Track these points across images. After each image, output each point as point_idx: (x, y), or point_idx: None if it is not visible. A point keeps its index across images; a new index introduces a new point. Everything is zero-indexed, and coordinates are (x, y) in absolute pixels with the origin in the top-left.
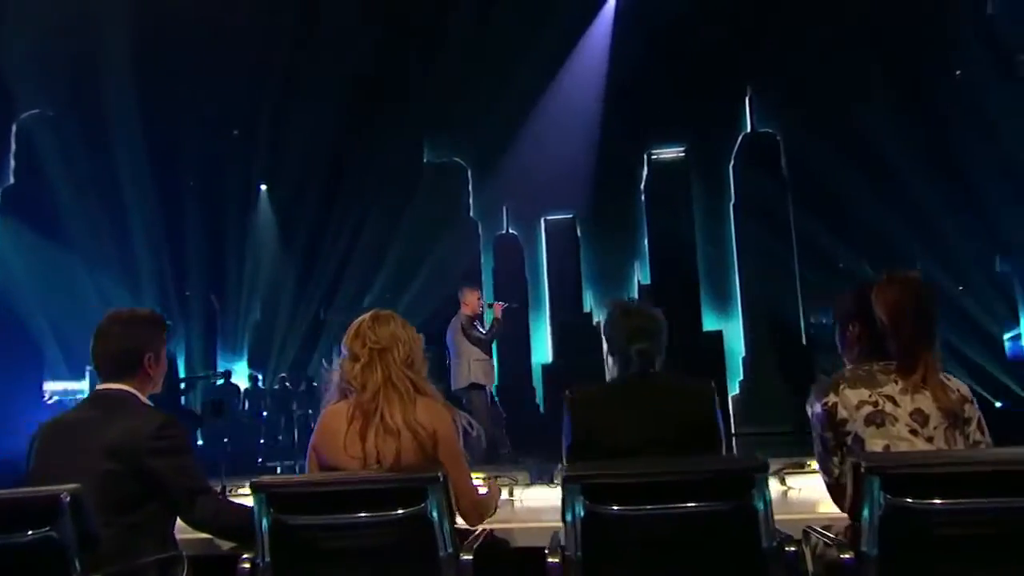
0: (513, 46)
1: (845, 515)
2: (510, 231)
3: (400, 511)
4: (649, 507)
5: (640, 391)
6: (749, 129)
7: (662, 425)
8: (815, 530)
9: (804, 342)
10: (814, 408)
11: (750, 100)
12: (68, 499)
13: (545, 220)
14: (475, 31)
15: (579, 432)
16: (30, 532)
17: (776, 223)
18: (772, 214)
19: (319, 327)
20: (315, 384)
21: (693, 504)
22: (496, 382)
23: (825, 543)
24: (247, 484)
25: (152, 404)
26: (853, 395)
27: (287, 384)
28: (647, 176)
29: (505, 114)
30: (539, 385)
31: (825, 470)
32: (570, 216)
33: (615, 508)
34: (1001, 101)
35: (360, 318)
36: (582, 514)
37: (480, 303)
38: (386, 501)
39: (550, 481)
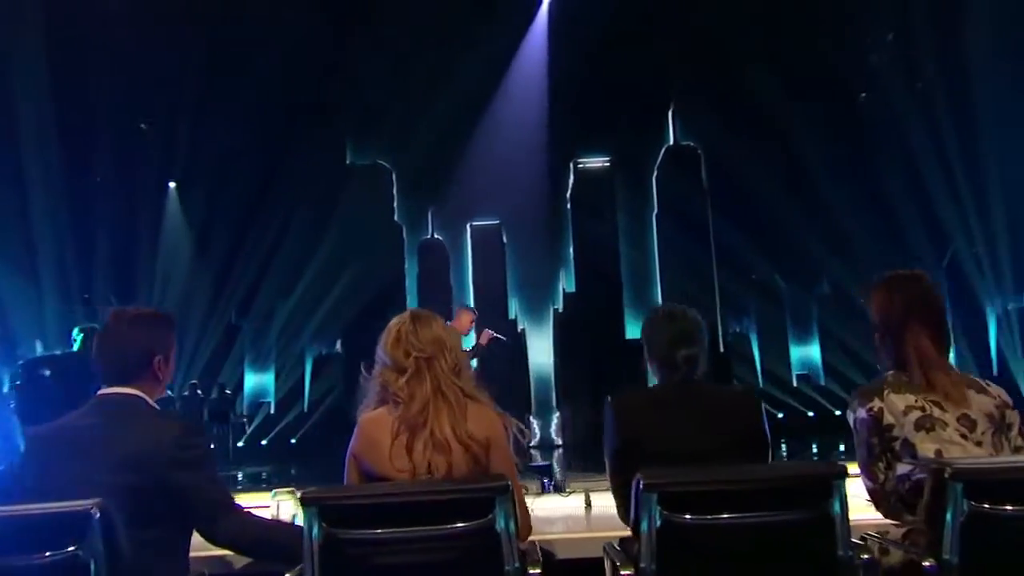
0: (442, 50)
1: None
2: (435, 236)
3: (464, 524)
4: (726, 516)
5: (687, 397)
6: (672, 142)
7: (711, 433)
8: (872, 536)
9: (722, 350)
10: (858, 414)
11: (673, 114)
12: (98, 515)
13: (471, 226)
14: (404, 32)
15: (624, 438)
16: (49, 552)
17: (696, 233)
18: (693, 225)
19: (233, 333)
20: (227, 392)
21: (771, 512)
22: None
23: (888, 549)
24: None
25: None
26: (899, 400)
27: (198, 391)
28: (573, 185)
29: (432, 118)
30: None
31: (869, 476)
32: (496, 223)
33: (688, 517)
34: (905, 120)
35: (398, 320)
36: (659, 523)
37: (471, 326)
38: (449, 513)
39: (561, 491)
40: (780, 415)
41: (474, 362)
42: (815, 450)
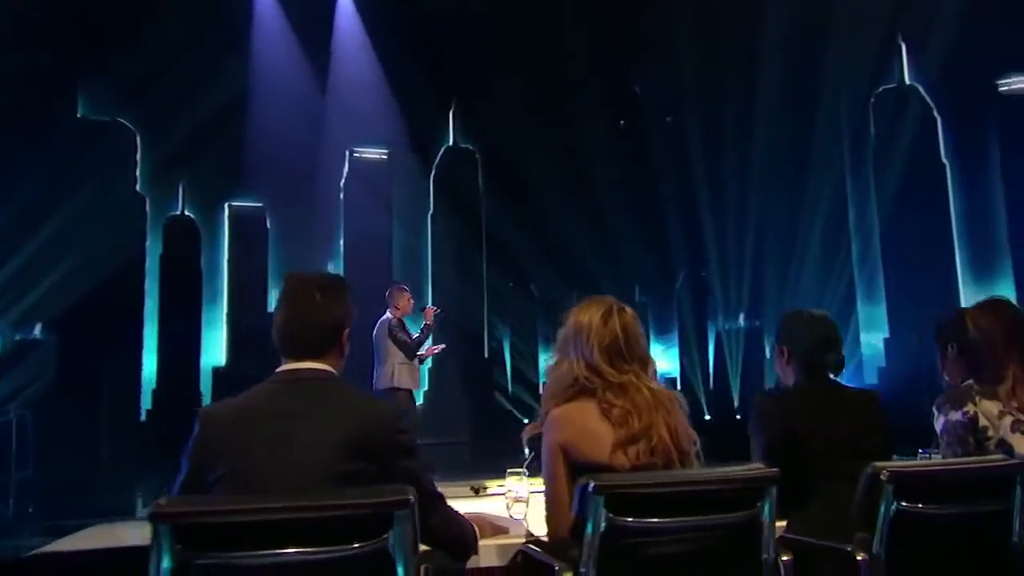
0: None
1: None
2: (186, 213)
3: (736, 514)
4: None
5: (838, 398)
6: (451, 142)
7: (863, 432)
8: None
9: (486, 355)
10: (950, 416)
11: (454, 115)
12: (413, 501)
13: (230, 206)
14: None
15: (776, 438)
16: (358, 544)
17: (469, 237)
18: (466, 227)
19: None
20: None
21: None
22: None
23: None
24: None
25: None
26: (991, 406)
27: None
28: (348, 174)
29: (190, 74)
30: (208, 391)
31: None
32: (260, 206)
33: (631, 520)
34: (657, 148)
35: (601, 304)
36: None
37: (411, 306)
38: (720, 503)
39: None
40: (526, 420)
41: (428, 342)
42: None
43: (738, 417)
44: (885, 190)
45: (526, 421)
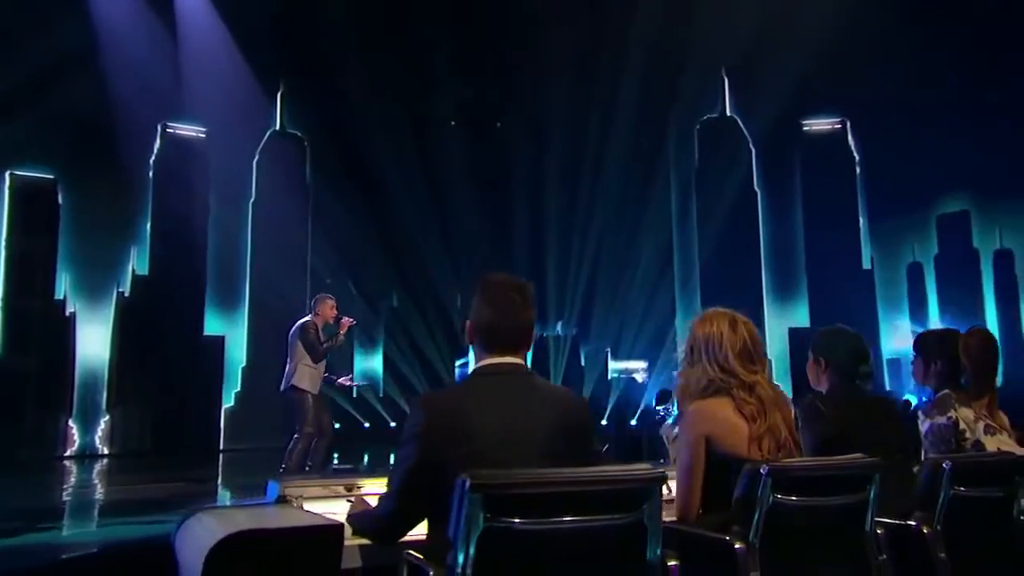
0: None
1: None
2: None
3: (848, 496)
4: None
5: (878, 407)
6: (278, 127)
7: (897, 435)
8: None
9: None
10: (936, 420)
11: (281, 98)
12: (662, 476)
13: (12, 175)
14: None
15: (832, 434)
16: (620, 515)
17: (294, 227)
18: (291, 217)
19: None
20: None
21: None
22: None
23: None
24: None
25: None
26: (967, 412)
27: None
28: (160, 149)
29: None
30: None
31: None
32: (51, 177)
33: (516, 521)
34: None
35: (724, 315)
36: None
37: (332, 315)
38: (838, 486)
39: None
40: (337, 425)
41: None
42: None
43: None
44: (705, 212)
45: (337, 426)
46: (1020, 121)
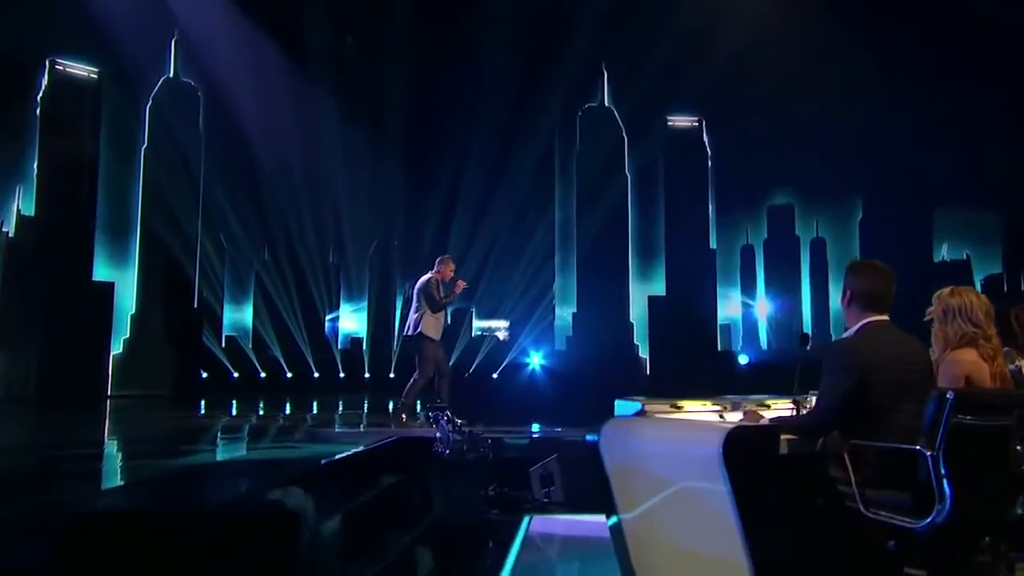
0: None
1: None
2: None
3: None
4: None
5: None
6: (172, 74)
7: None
8: None
9: (196, 306)
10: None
11: (176, 45)
12: None
13: None
14: None
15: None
16: (1007, 419)
17: (186, 176)
18: (184, 165)
19: None
20: None
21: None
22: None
23: None
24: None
25: None
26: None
27: None
28: (47, 87)
29: None
30: None
31: None
32: None
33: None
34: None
35: (968, 289)
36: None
37: (451, 274)
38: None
39: None
40: (204, 375)
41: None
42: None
43: None
44: (584, 194)
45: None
46: (837, 127)
